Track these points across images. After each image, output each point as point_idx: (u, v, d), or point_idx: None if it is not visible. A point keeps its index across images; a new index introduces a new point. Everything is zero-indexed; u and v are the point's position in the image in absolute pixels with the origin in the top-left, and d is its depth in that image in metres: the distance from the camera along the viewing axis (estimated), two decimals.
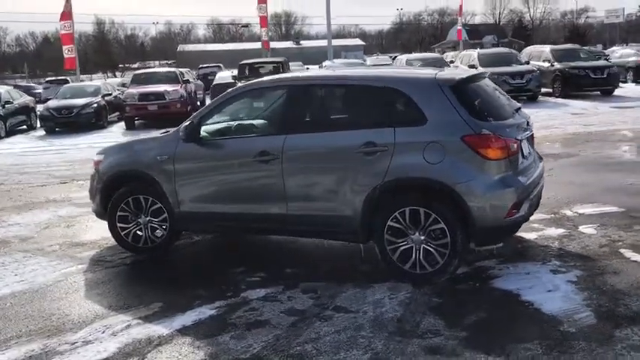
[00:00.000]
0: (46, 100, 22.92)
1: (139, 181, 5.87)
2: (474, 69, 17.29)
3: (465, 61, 21.23)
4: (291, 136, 5.10)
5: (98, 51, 74.29)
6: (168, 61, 50.61)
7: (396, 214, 4.77)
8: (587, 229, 5.99)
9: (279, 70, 19.43)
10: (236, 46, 72.56)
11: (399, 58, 27.02)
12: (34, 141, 17.48)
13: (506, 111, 5.05)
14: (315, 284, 4.92)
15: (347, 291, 4.76)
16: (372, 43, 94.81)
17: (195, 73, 30.32)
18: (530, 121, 5.30)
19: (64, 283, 5.34)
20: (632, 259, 5.12)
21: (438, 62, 21.25)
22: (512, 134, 4.78)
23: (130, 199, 5.86)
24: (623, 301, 4.31)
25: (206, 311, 4.53)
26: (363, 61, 33.09)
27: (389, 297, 4.60)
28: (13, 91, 21.13)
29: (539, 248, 5.55)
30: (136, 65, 73.33)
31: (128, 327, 4.33)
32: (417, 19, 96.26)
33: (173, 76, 19.60)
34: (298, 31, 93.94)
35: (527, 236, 5.79)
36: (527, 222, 5.25)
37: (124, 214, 5.91)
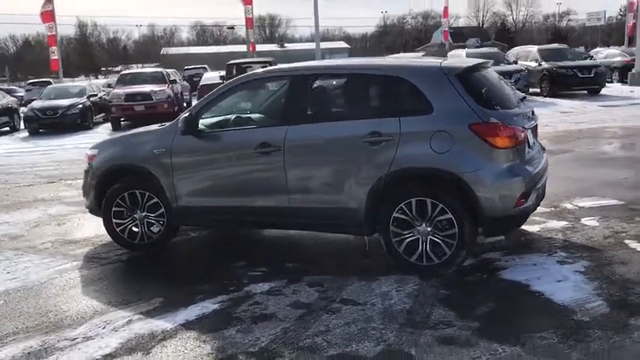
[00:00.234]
0: (29, 102, 22.55)
1: (134, 175, 5.72)
2: None
3: None
4: (292, 127, 4.99)
5: (80, 54, 73.59)
6: (155, 64, 50.09)
7: (402, 205, 4.68)
8: (589, 222, 5.95)
9: None
10: (220, 48, 72.23)
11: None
12: (19, 142, 17.17)
13: (512, 100, 4.98)
14: (319, 277, 4.81)
15: (352, 284, 4.65)
16: (356, 46, 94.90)
17: (181, 75, 30.05)
18: (534, 112, 5.24)
19: (59, 280, 5.18)
20: (638, 250, 5.08)
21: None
22: (519, 123, 4.71)
23: (126, 194, 5.71)
24: (634, 291, 4.26)
25: (209, 306, 4.40)
26: None
27: (396, 289, 4.51)
28: None
29: (544, 240, 5.49)
30: (118, 68, 72.69)
31: (129, 322, 4.19)
32: (401, 22, 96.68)
33: (159, 77, 19.38)
34: (283, 34, 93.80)
35: (530, 229, 5.73)
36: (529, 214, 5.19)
37: (120, 209, 5.75)
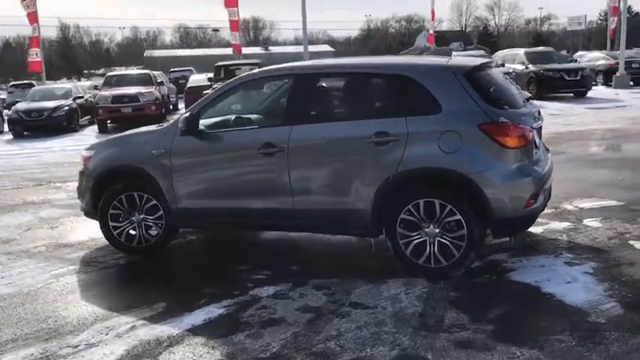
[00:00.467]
0: (12, 104, 22.19)
1: (132, 177, 5.58)
2: None
3: None
4: (297, 127, 4.89)
5: (62, 56, 72.72)
6: (138, 67, 49.55)
7: (410, 206, 4.60)
8: (591, 223, 5.92)
9: None
10: (204, 51, 71.64)
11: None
12: (3, 145, 16.82)
13: (519, 100, 4.93)
14: (325, 280, 4.71)
15: (360, 287, 4.56)
16: (340, 49, 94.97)
17: (167, 77, 29.79)
18: (540, 112, 5.19)
19: (56, 284, 5.02)
20: None
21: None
22: (527, 123, 4.66)
23: (124, 197, 5.56)
24: None
25: (215, 310, 4.29)
26: None
27: (405, 292, 4.43)
28: None
29: (549, 241, 5.46)
30: (101, 71, 71.98)
31: (133, 328, 4.05)
32: (385, 26, 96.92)
33: (146, 78, 19.16)
34: (267, 37, 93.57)
35: (534, 230, 5.67)
36: None
37: (117, 212, 5.61)
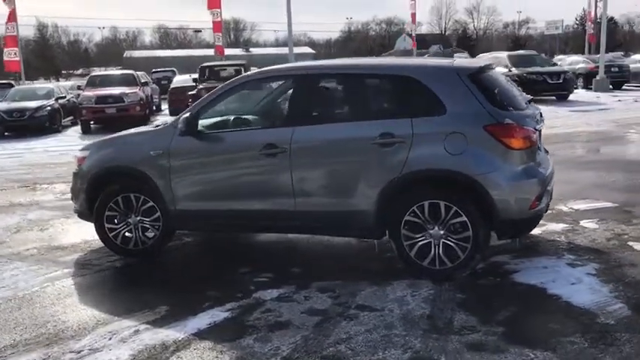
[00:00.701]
0: None
1: (128, 178, 5.48)
2: None
3: None
4: (300, 128, 4.83)
5: (40, 56, 71.59)
6: (117, 67, 48.93)
7: (414, 207, 4.57)
8: (588, 224, 5.95)
9: (240, 72, 19.04)
10: (186, 52, 71.09)
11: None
12: None
13: (521, 101, 4.93)
14: (329, 283, 4.66)
15: (365, 289, 4.52)
16: (320, 51, 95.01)
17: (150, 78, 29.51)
18: (542, 114, 5.20)
19: (52, 288, 4.90)
20: None
21: None
22: (531, 124, 4.66)
23: (120, 198, 5.45)
24: None
25: (219, 313, 4.21)
26: None
27: (411, 294, 4.39)
28: None
29: (548, 243, 5.47)
30: (79, 72, 71.08)
31: (136, 332, 3.96)
32: (365, 28, 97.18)
33: (131, 79, 18.92)
34: (247, 38, 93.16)
35: (533, 231, 5.66)
36: None
37: (112, 214, 5.50)
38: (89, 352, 3.71)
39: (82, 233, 6.29)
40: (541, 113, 5.15)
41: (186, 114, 5.15)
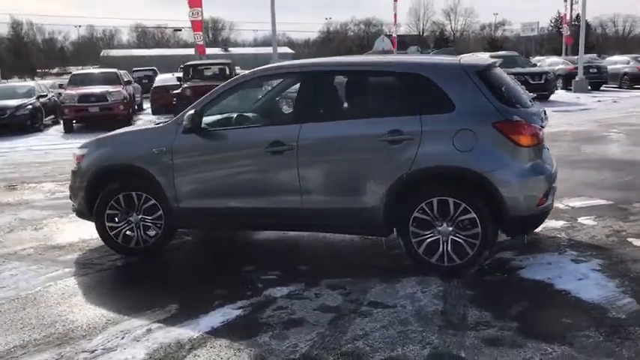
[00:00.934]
0: None
1: (130, 176, 5.41)
2: None
3: None
4: (307, 125, 4.82)
5: (14, 54, 70.34)
6: (94, 66, 48.21)
7: (423, 204, 4.59)
8: (586, 221, 6.04)
9: (225, 72, 18.98)
10: (164, 51, 70.40)
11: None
12: None
13: (526, 99, 4.98)
14: (339, 280, 4.65)
15: (375, 286, 4.53)
16: (299, 51, 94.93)
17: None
18: (546, 112, 5.26)
19: (55, 288, 4.81)
20: None
21: None
22: (537, 122, 4.72)
23: (121, 196, 5.38)
24: None
25: (231, 311, 4.18)
26: None
27: (421, 291, 4.41)
28: None
29: (549, 239, 5.53)
30: (55, 70, 70.05)
31: (149, 331, 3.91)
32: (344, 29, 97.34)
33: (113, 77, 18.67)
34: (226, 37, 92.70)
35: None
36: None
37: (113, 212, 5.42)
38: (103, 352, 3.66)
39: (78, 232, 6.21)
40: (545, 111, 5.20)
41: (191, 111, 5.09)
